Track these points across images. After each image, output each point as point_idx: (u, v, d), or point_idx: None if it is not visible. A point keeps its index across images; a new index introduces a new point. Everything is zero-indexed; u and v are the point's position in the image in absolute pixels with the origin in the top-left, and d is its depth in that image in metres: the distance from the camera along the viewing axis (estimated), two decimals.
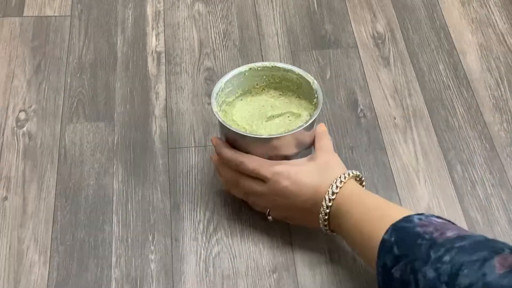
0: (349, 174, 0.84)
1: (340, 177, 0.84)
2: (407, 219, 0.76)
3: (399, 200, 0.95)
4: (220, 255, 0.89)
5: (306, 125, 0.87)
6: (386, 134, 1.03)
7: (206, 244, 0.90)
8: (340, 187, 0.83)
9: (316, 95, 0.90)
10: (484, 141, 1.02)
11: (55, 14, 1.17)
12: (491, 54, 1.14)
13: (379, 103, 1.06)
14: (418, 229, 0.74)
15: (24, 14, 1.16)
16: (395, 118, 1.04)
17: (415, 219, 0.75)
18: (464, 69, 1.11)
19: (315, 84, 0.91)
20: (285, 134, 0.87)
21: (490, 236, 0.91)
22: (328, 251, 0.88)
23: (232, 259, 0.89)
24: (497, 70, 1.11)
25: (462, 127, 1.03)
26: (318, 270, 0.88)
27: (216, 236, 0.91)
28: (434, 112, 1.05)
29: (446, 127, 1.03)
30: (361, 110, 1.05)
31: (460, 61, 1.12)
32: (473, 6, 1.21)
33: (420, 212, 0.78)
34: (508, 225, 0.93)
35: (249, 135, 0.87)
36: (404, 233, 0.74)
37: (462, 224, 0.93)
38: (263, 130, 0.90)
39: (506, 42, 1.15)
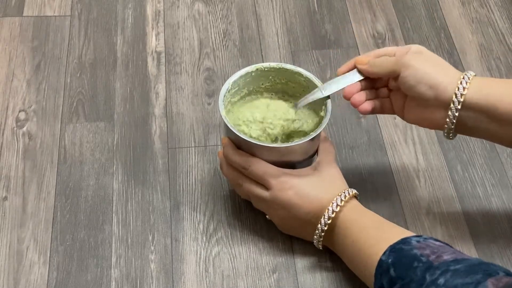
0: (349, 194, 0.84)
1: (340, 195, 0.84)
2: (405, 240, 0.77)
3: (399, 200, 0.95)
4: (220, 255, 0.89)
5: (315, 134, 0.86)
6: (386, 134, 1.03)
7: (206, 244, 0.90)
8: (341, 206, 0.83)
9: (325, 103, 0.89)
10: (484, 141, 1.01)
11: (55, 14, 1.17)
12: (491, 54, 1.13)
13: None
14: (416, 251, 0.74)
15: (24, 14, 1.16)
16: (395, 118, 1.04)
17: (413, 241, 0.76)
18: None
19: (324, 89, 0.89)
20: (292, 144, 0.86)
21: (490, 237, 0.92)
22: (328, 251, 0.88)
23: (232, 259, 0.89)
24: (497, 70, 1.11)
25: None
26: (318, 270, 0.88)
27: (216, 236, 0.91)
28: None
29: None
30: None
31: (461, 60, 1.12)
32: (473, 5, 1.21)
33: (418, 234, 0.78)
34: (508, 225, 0.93)
35: (255, 142, 0.85)
36: (401, 255, 0.75)
37: (462, 224, 0.93)
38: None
39: (506, 41, 1.15)
